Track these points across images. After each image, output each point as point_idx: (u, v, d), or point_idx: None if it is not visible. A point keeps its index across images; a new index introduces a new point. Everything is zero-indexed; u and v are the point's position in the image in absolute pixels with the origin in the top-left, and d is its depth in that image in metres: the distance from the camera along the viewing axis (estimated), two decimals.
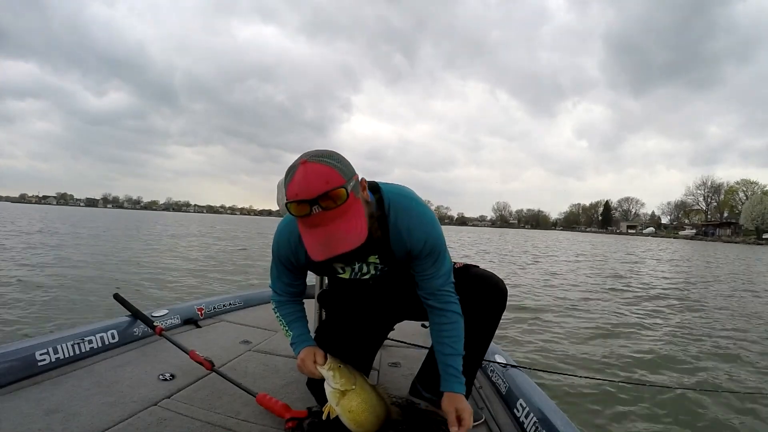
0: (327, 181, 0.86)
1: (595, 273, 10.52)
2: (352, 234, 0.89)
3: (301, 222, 0.91)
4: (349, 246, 0.89)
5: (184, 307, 2.19)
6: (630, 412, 2.49)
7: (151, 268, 7.62)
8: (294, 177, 0.87)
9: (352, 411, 1.05)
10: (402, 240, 1.05)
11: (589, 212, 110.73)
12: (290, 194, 0.87)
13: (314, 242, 0.90)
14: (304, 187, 0.86)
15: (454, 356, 1.13)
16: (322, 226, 0.88)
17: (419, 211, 1.06)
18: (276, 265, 1.18)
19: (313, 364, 1.10)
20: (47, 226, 19.07)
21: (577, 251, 19.79)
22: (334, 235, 0.88)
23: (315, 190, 0.85)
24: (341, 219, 0.88)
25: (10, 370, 1.34)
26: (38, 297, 4.70)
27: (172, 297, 5.26)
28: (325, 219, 0.87)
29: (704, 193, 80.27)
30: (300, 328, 1.21)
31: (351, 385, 1.06)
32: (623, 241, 38.13)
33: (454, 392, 1.12)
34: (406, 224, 1.04)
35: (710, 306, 6.27)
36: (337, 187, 0.86)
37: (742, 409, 2.58)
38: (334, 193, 0.86)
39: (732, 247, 37.92)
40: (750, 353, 3.82)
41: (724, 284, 9.13)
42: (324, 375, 1.07)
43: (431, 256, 1.09)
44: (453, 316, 1.13)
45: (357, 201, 0.92)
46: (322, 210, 0.86)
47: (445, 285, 1.13)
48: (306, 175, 0.86)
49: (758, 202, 57.10)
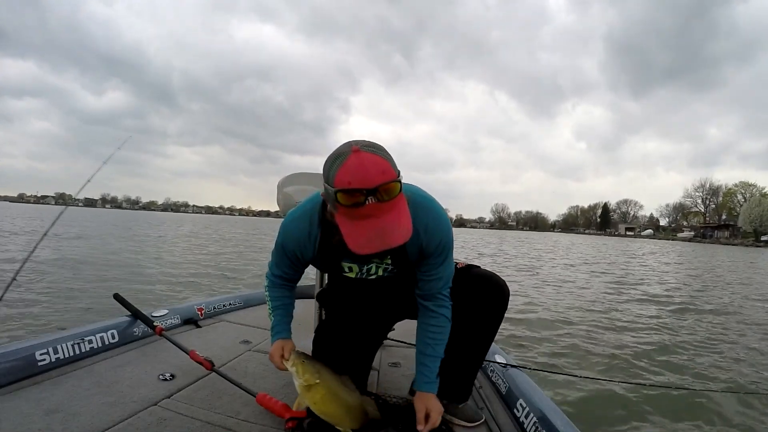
0: (384, 171, 0.84)
1: (596, 274, 10.52)
2: (403, 228, 0.88)
3: (347, 212, 0.87)
4: (399, 240, 0.87)
5: (184, 307, 2.19)
6: (630, 412, 2.49)
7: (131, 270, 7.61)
8: (345, 164, 0.83)
9: (316, 403, 1.09)
10: (418, 238, 1.04)
11: (588, 214, 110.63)
12: (341, 181, 0.83)
13: (361, 234, 0.87)
14: (360, 175, 0.82)
15: (433, 358, 1.14)
16: (372, 217, 0.85)
17: (437, 211, 1.06)
18: (278, 254, 1.18)
19: (280, 358, 1.13)
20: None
21: (577, 252, 19.80)
22: (385, 229, 0.86)
23: (373, 180, 0.82)
24: (392, 212, 0.86)
25: (10, 370, 1.34)
26: (38, 297, 4.70)
27: (172, 297, 5.26)
28: (377, 210, 0.85)
29: (702, 195, 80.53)
30: (280, 316, 1.22)
31: (315, 379, 1.09)
32: (621, 244, 38.12)
33: (425, 392, 1.13)
34: (424, 222, 1.04)
35: (710, 308, 6.27)
36: (393, 180, 0.84)
37: (742, 409, 2.58)
38: (391, 185, 0.84)
39: (731, 249, 37.91)
40: (750, 353, 3.82)
41: (730, 289, 9.13)
42: (289, 369, 1.11)
43: (441, 257, 1.09)
44: (443, 320, 1.14)
45: (404, 197, 0.90)
46: (376, 201, 0.84)
47: (444, 289, 1.13)
48: (362, 164, 0.83)
49: (756, 204, 57.23)
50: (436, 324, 1.14)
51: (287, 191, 1.78)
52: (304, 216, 1.09)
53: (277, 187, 1.84)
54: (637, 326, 4.74)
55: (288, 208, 1.57)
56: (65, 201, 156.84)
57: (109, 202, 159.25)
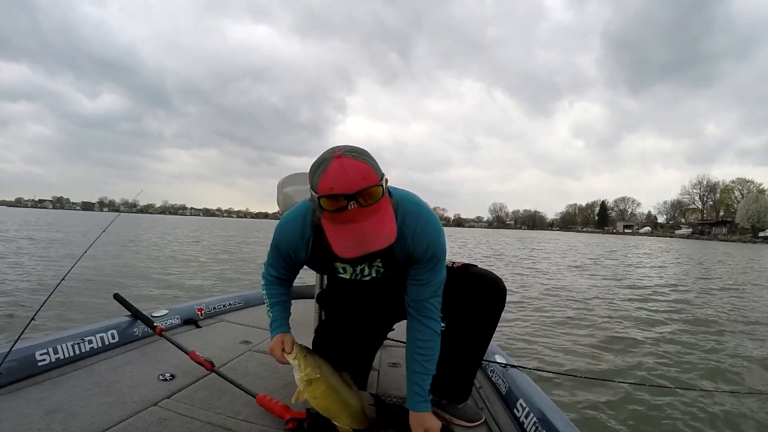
0: (364, 177, 0.85)
1: (596, 274, 10.52)
2: (386, 232, 0.88)
3: (331, 217, 0.88)
4: (382, 244, 0.88)
5: (184, 307, 2.19)
6: (630, 412, 2.49)
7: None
8: (328, 170, 0.85)
9: (316, 398, 1.10)
10: (405, 244, 1.05)
11: (586, 212, 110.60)
12: (324, 187, 0.85)
13: (345, 239, 0.88)
14: (341, 181, 0.84)
15: (423, 375, 1.12)
16: (355, 222, 0.87)
17: (426, 217, 1.06)
18: (273, 255, 1.19)
19: (281, 351, 1.12)
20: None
21: (576, 253, 19.80)
22: (367, 233, 0.87)
23: (354, 185, 0.84)
24: (374, 217, 0.87)
25: (10, 370, 1.34)
26: (38, 297, 4.70)
27: (173, 297, 5.26)
28: (359, 215, 0.86)
29: (700, 192, 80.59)
30: (279, 312, 1.23)
31: (315, 374, 1.09)
32: (621, 241, 38.15)
33: (420, 411, 1.12)
34: (412, 229, 1.04)
35: (711, 308, 6.27)
36: (374, 184, 0.85)
37: (742, 409, 2.58)
38: (372, 190, 0.85)
39: (729, 245, 37.94)
40: (750, 355, 3.82)
41: (730, 285, 9.13)
42: (290, 363, 1.11)
43: (430, 263, 1.08)
44: (431, 334, 1.12)
45: (387, 200, 0.91)
46: (358, 206, 0.85)
47: (432, 297, 1.11)
48: (343, 169, 0.84)
49: (754, 200, 57.27)
50: (423, 339, 1.11)
51: (287, 191, 1.79)
52: (298, 218, 1.09)
53: (277, 188, 1.84)
54: (638, 327, 4.74)
55: (288, 209, 1.57)
56: (63, 205, 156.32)
57: (106, 206, 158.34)
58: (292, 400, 1.11)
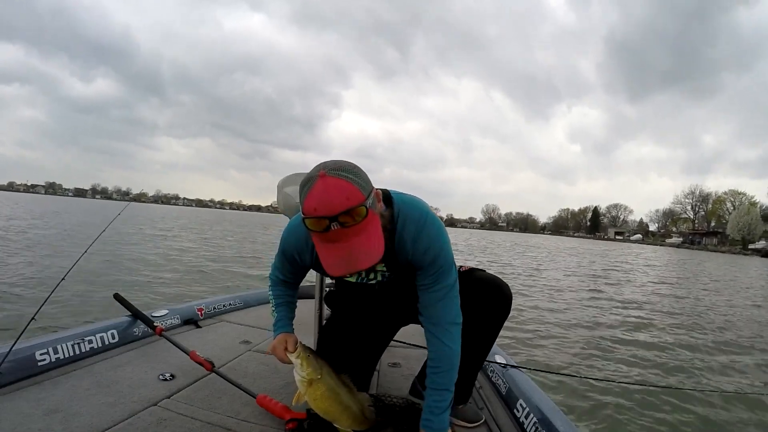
0: (347, 197, 0.83)
1: (595, 277, 10.52)
2: (371, 250, 0.88)
3: (317, 237, 0.89)
4: (368, 263, 0.87)
5: (184, 308, 2.19)
6: (630, 412, 2.49)
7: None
8: (312, 190, 0.84)
9: (317, 399, 1.09)
10: (405, 249, 1.04)
11: (578, 217, 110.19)
12: (308, 208, 0.85)
13: (331, 258, 0.88)
14: (323, 202, 0.83)
15: (431, 390, 1.09)
16: (340, 242, 0.86)
17: (428, 223, 1.05)
18: (280, 259, 1.20)
19: (284, 351, 1.12)
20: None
21: (573, 257, 19.81)
22: (352, 252, 0.87)
23: (335, 206, 0.82)
24: (360, 236, 0.87)
25: (10, 369, 1.33)
26: (38, 296, 4.70)
27: (173, 297, 5.25)
28: (343, 235, 0.85)
29: (692, 201, 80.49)
30: (284, 312, 1.23)
31: (317, 375, 1.09)
32: (612, 247, 38.06)
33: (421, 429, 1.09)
34: (412, 234, 1.03)
35: (707, 311, 6.27)
36: (357, 205, 0.84)
37: (742, 409, 2.58)
38: (354, 211, 0.84)
39: (719, 256, 37.88)
40: (749, 354, 3.82)
41: (720, 294, 9.13)
42: (293, 362, 1.10)
43: (431, 268, 1.06)
44: (437, 344, 1.08)
45: (375, 217, 0.90)
46: (341, 227, 0.84)
47: (439, 303, 1.07)
48: (326, 190, 0.83)
49: (745, 212, 57.14)
50: (431, 349, 1.09)
51: (287, 191, 1.78)
52: (302, 225, 1.09)
53: (277, 188, 1.84)
54: (637, 327, 4.74)
55: (288, 209, 1.58)
56: (55, 190, 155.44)
57: (99, 193, 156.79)
58: (293, 403, 1.11)
